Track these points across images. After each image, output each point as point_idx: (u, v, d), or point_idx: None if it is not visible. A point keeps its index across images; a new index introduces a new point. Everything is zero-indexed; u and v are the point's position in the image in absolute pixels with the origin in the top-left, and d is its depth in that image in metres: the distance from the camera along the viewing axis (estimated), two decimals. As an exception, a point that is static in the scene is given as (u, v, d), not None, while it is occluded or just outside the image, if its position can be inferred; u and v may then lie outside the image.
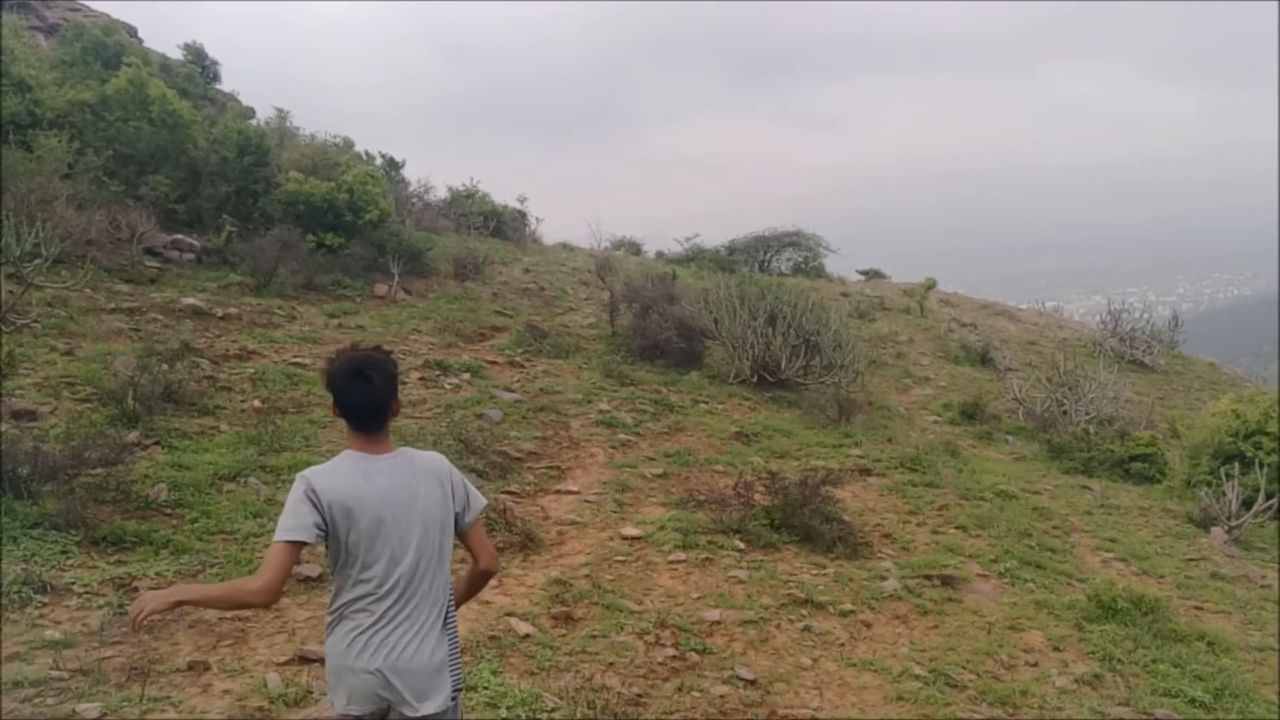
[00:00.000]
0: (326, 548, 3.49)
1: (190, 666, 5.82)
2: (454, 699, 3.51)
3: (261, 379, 11.56)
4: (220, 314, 13.53)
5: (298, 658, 6.08)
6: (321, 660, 5.90)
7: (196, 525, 7.86)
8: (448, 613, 3.55)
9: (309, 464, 9.09)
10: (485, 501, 3.75)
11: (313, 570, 7.33)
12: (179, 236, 15.69)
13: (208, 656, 5.98)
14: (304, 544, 3.38)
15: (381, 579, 3.40)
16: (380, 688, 3.35)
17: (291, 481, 3.63)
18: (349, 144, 22.14)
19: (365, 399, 3.52)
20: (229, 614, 6.55)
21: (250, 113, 21.37)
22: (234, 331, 13.09)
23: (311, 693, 5.65)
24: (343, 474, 3.49)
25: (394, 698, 3.37)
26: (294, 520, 3.37)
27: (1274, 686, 8.01)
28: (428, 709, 3.40)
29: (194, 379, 10.91)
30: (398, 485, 3.48)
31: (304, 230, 16.62)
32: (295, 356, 12.60)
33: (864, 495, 11.75)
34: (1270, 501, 12.95)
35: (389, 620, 3.39)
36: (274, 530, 3.46)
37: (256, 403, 10.73)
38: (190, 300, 13.56)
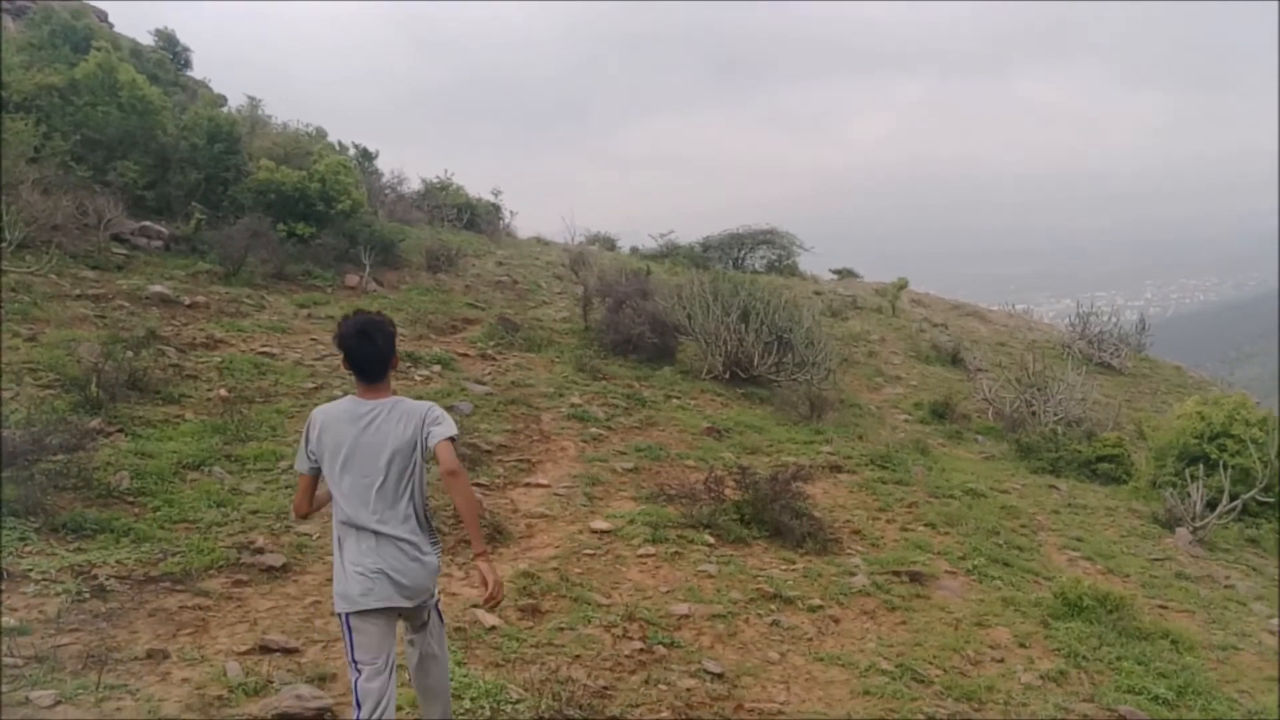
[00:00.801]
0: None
1: (149, 655, 5.73)
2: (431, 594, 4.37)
3: (229, 368, 11.44)
4: (188, 302, 13.36)
5: (259, 647, 6.00)
6: (283, 650, 5.87)
7: (159, 514, 7.76)
8: (426, 521, 4.34)
9: (275, 454, 9.10)
10: (451, 431, 4.26)
11: (276, 560, 7.25)
12: (147, 223, 15.50)
13: (167, 645, 5.89)
14: (309, 475, 4.28)
15: (340, 497, 4.17)
16: (356, 587, 4.14)
17: (256, 471, 4.44)
18: (322, 134, 21.96)
19: (368, 354, 4.22)
20: (190, 603, 6.47)
21: (222, 100, 21.14)
22: (201, 320, 12.94)
23: (272, 682, 5.57)
24: (337, 413, 4.24)
25: (363, 597, 4.13)
26: (299, 457, 4.29)
27: (1237, 685, 8.08)
28: (410, 600, 4.23)
29: (159, 367, 10.78)
30: (376, 426, 4.17)
31: (275, 219, 16.44)
32: (264, 346, 12.47)
33: (834, 492, 11.76)
34: (1234, 503, 13.08)
35: (355, 534, 4.16)
36: (239, 519, 5.97)
37: (223, 391, 10.61)
38: (157, 288, 13.38)
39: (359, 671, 4.25)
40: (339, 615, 4.25)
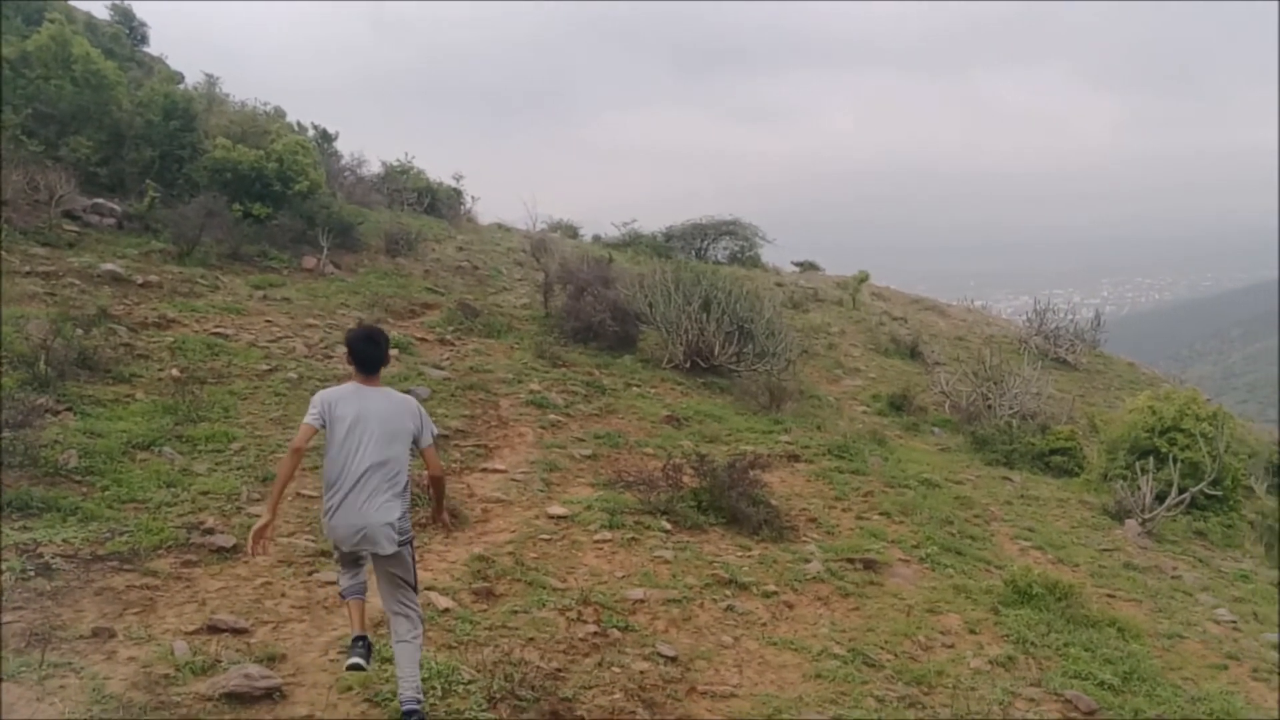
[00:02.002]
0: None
1: (94, 633, 5.65)
2: (402, 546, 5.12)
3: (181, 348, 11.28)
4: (140, 281, 13.16)
5: (207, 627, 5.94)
6: (232, 630, 5.81)
7: (107, 493, 7.64)
8: (403, 491, 5.17)
9: (227, 435, 8.99)
10: (438, 431, 5.60)
11: (227, 541, 7.16)
12: (100, 200, 15.25)
13: (113, 624, 5.80)
14: (316, 428, 5.05)
15: (340, 463, 5.02)
16: (343, 532, 5.03)
17: (208, 452, 7.19)
18: (280, 113, 21.66)
19: (371, 355, 5.25)
20: (138, 583, 6.39)
21: (178, 77, 20.78)
22: (154, 299, 12.75)
23: (220, 662, 5.51)
24: (344, 393, 5.17)
25: (347, 539, 5.04)
26: (310, 413, 5.07)
27: (1181, 672, 8.22)
28: (377, 548, 5.03)
29: (110, 346, 10.62)
30: (375, 407, 5.13)
31: (230, 199, 16.21)
32: (217, 327, 12.32)
33: (791, 480, 11.81)
34: (1182, 496, 13.29)
35: (347, 492, 5.00)
36: (189, 499, 7.11)
37: (175, 372, 10.47)
38: (109, 266, 13.17)
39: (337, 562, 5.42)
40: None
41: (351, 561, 5.25)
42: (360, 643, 5.18)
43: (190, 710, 5.05)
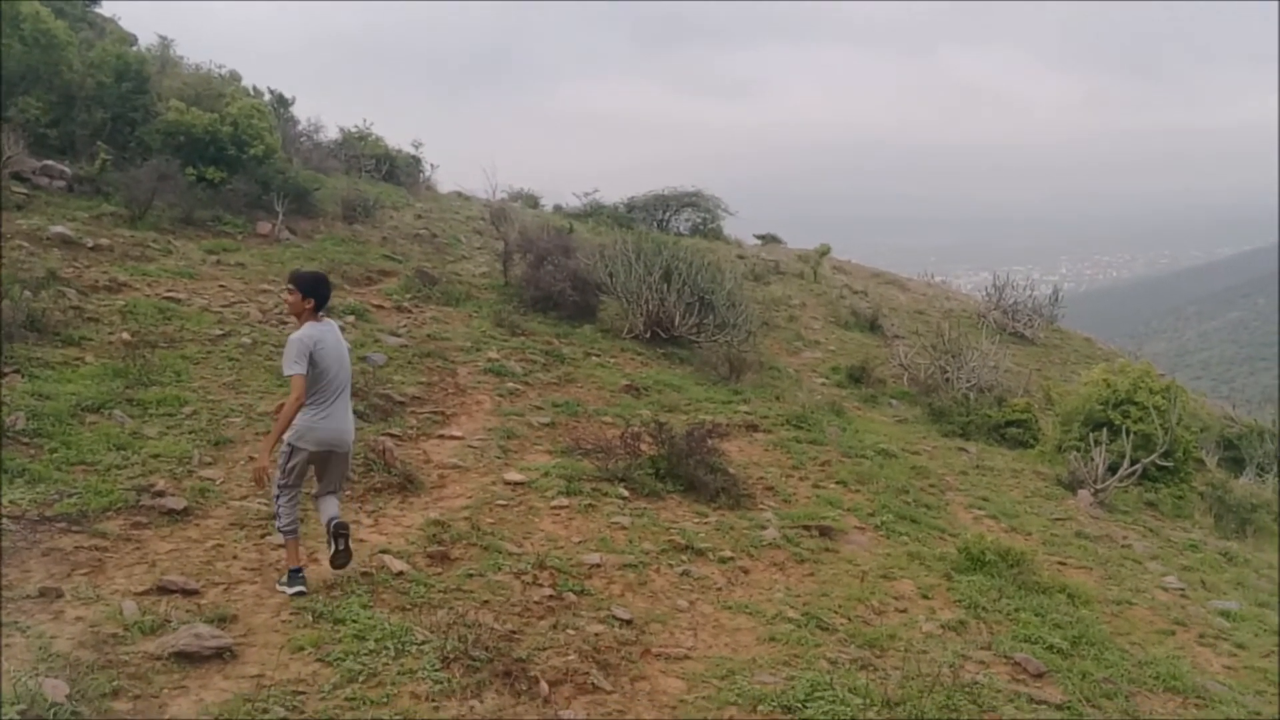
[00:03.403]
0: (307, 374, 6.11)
1: (41, 593, 5.57)
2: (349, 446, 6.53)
3: (132, 312, 11.10)
4: (91, 244, 12.92)
5: (157, 588, 5.88)
6: (182, 591, 5.74)
7: (56, 455, 7.52)
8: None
9: (179, 399, 8.87)
10: None
11: (178, 504, 7.08)
12: (49, 163, 14.93)
13: (61, 584, 5.73)
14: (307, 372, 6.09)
15: (329, 386, 6.26)
16: (331, 436, 6.30)
17: (159, 416, 8.53)
18: (235, 77, 21.25)
19: (327, 294, 6.45)
20: (87, 544, 6.29)
21: (131, 39, 20.30)
22: (105, 263, 12.52)
23: (170, 622, 5.45)
24: (319, 331, 6.23)
25: (335, 441, 6.34)
26: (298, 364, 6.07)
27: (1129, 637, 8.36)
28: (347, 449, 6.47)
29: (59, 309, 10.42)
30: (337, 339, 6.43)
31: (184, 162, 15.91)
32: (169, 291, 12.12)
33: (750, 450, 11.85)
34: (1134, 467, 13.49)
35: (332, 405, 6.30)
36: (139, 462, 7.70)
37: (126, 335, 10.29)
38: (59, 229, 12.91)
39: (283, 491, 6.30)
40: (293, 448, 6.23)
41: (300, 477, 6.34)
42: (300, 573, 6.27)
43: (139, 669, 4.99)
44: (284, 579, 6.27)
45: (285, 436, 6.18)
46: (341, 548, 6.30)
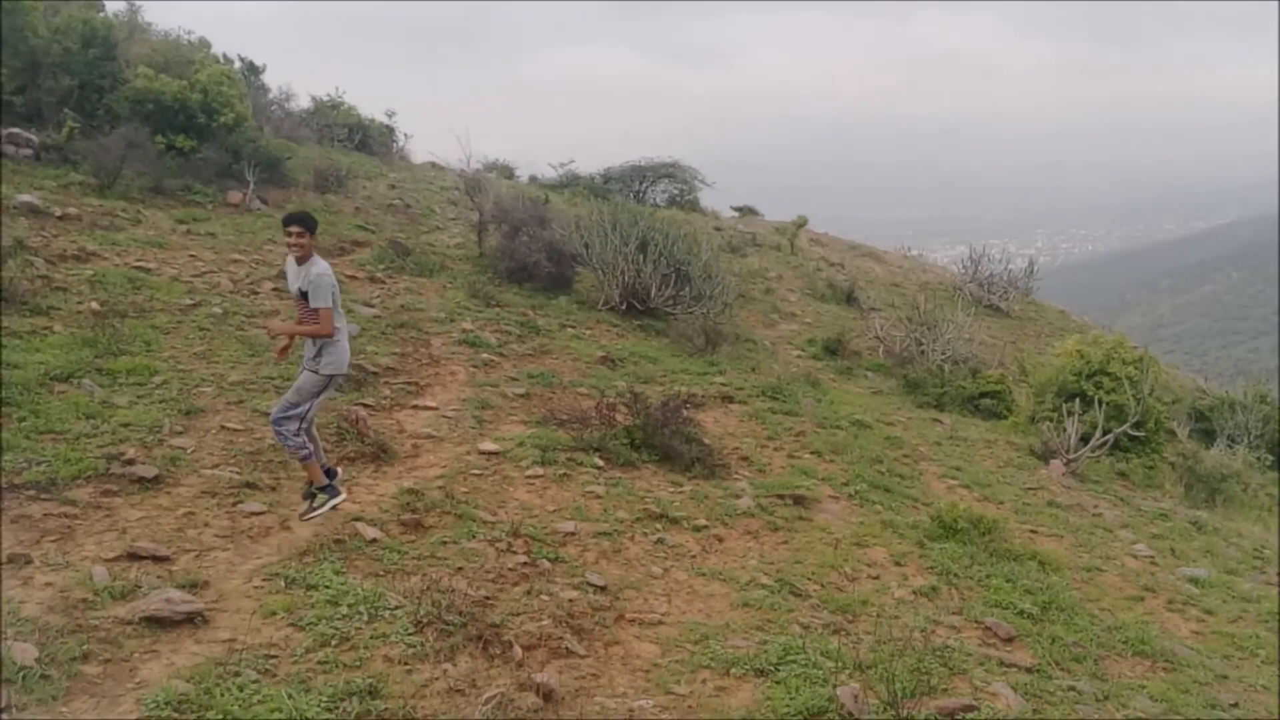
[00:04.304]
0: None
1: (10, 559, 5.53)
2: None
3: (101, 281, 10.96)
4: (59, 213, 12.72)
5: (127, 554, 5.84)
6: (153, 557, 5.71)
7: (24, 424, 7.42)
8: None
9: (149, 369, 8.78)
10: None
11: (148, 472, 7.02)
12: (15, 130, 14.66)
13: (30, 550, 5.68)
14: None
15: (341, 317, 6.87)
16: (347, 358, 6.98)
17: (129, 385, 8.53)
18: (205, 44, 20.92)
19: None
20: (56, 511, 6.24)
21: (98, 4, 19.92)
22: (73, 232, 12.35)
23: (140, 587, 5.42)
24: (328, 267, 6.90)
25: (347, 363, 7.00)
26: (335, 299, 6.76)
27: (1099, 603, 8.46)
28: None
29: (27, 278, 10.26)
30: None
31: (153, 131, 15.65)
32: (139, 260, 11.97)
33: (725, 421, 11.87)
34: (1106, 437, 13.61)
35: (343, 333, 6.89)
36: (109, 431, 7.63)
37: (95, 305, 10.15)
38: (26, 197, 12.70)
39: (302, 427, 6.75)
40: (331, 377, 6.86)
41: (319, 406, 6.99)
42: (334, 480, 7.04)
43: (109, 633, 4.97)
44: (318, 501, 6.89)
45: (322, 370, 6.75)
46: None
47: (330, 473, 7.07)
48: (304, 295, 6.72)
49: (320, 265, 6.78)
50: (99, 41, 15.91)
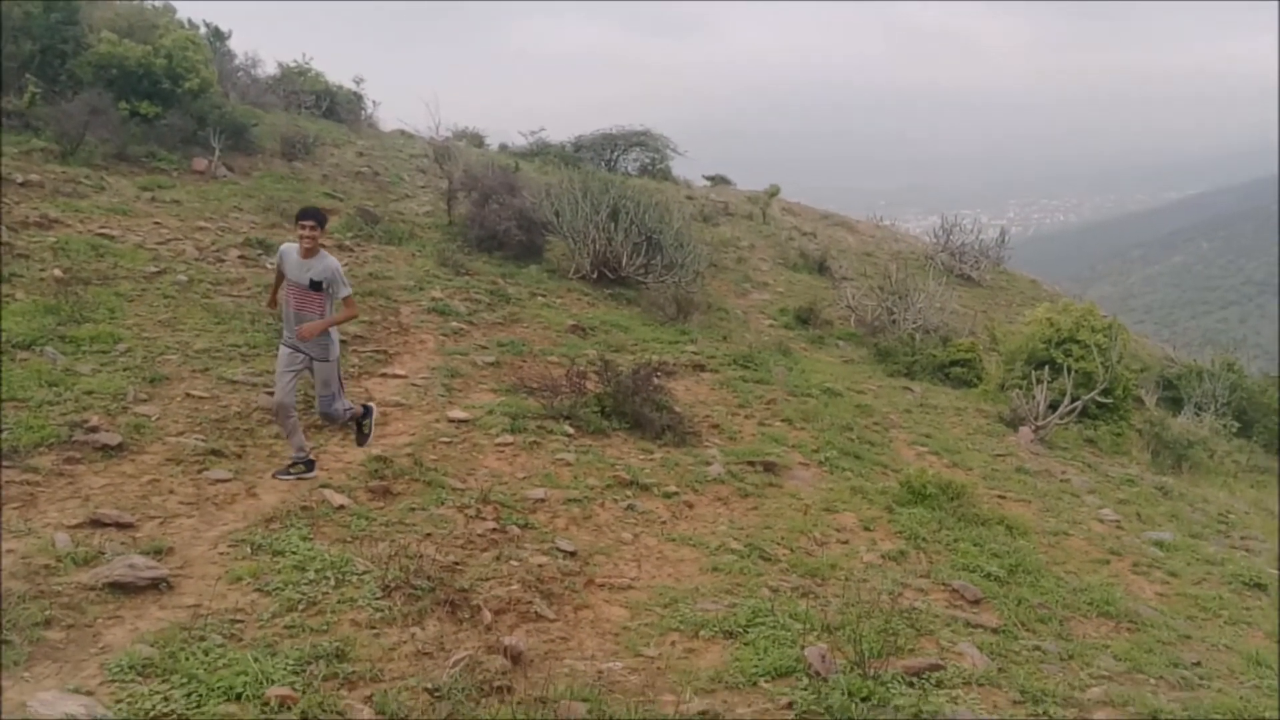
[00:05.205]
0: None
1: (-30, 527, 5.44)
2: None
3: (64, 248, 10.80)
4: (20, 180, 12.51)
5: (90, 521, 5.77)
6: (117, 524, 5.65)
7: (-15, 391, 7.31)
8: None
9: (113, 336, 8.66)
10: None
11: (112, 439, 6.93)
12: (-25, 96, 14.41)
13: (-10, 518, 5.60)
14: None
15: None
16: None
17: (92, 353, 8.38)
18: (169, 8, 20.50)
19: None
20: (18, 478, 6.16)
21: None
22: (35, 199, 12.15)
23: (103, 554, 5.36)
24: None
25: None
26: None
27: (1065, 566, 8.54)
28: None
29: (-12, 244, 10.11)
30: None
31: (117, 96, 15.41)
32: (103, 228, 11.80)
33: (696, 389, 11.88)
34: (1074, 404, 13.72)
35: None
36: (72, 399, 7.49)
37: (57, 272, 10.01)
38: (-13, 164, 12.50)
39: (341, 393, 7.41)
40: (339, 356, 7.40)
41: None
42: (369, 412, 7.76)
43: (72, 599, 4.92)
44: (363, 431, 7.70)
45: (333, 357, 7.21)
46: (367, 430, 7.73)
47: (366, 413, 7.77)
48: (314, 286, 6.99)
49: (331, 258, 7.14)
50: (60, 5, 15.60)
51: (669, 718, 4.51)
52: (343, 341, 10.32)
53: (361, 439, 7.72)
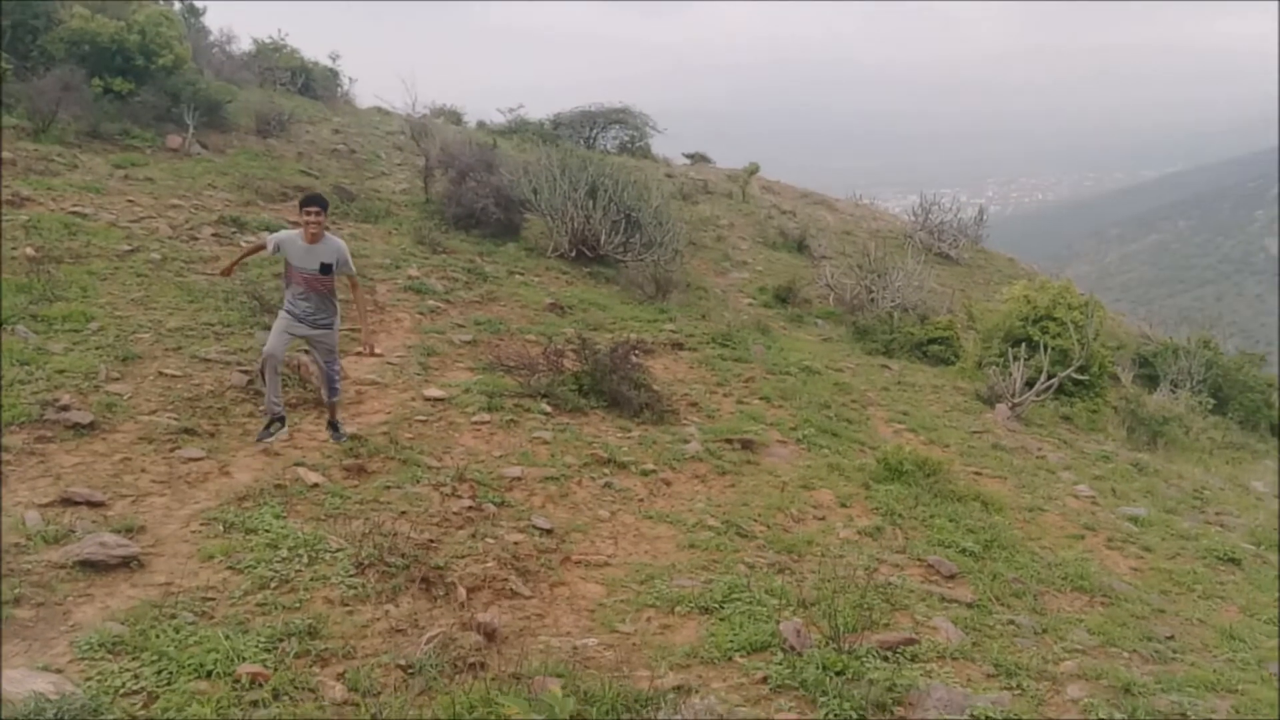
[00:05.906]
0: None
1: (-63, 506, 5.38)
2: None
3: (36, 227, 10.66)
4: (-10, 157, 12.35)
5: (61, 500, 5.71)
6: (88, 503, 5.60)
7: (-46, 370, 7.22)
8: None
9: (85, 315, 8.56)
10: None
11: (84, 418, 6.86)
12: (-56, 72, 14.18)
13: (-42, 497, 5.54)
14: None
15: None
16: None
17: (64, 332, 8.17)
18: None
19: None
20: None
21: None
22: (7, 177, 11.96)
23: (74, 532, 5.31)
24: None
25: None
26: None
27: (1040, 541, 8.60)
28: None
29: (-43, 222, 9.97)
30: None
31: (89, 73, 15.21)
32: (75, 206, 11.65)
33: (674, 367, 11.87)
34: (1051, 381, 13.79)
35: None
36: (44, 378, 7.35)
37: (29, 250, 9.89)
38: (-44, 141, 12.32)
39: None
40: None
41: None
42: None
43: (42, 577, 4.87)
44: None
45: (338, 327, 7.67)
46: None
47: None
48: (325, 269, 7.31)
49: (336, 239, 7.51)
50: (31, -21, 15.36)
51: (644, 692, 4.50)
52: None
53: (337, 437, 7.65)
